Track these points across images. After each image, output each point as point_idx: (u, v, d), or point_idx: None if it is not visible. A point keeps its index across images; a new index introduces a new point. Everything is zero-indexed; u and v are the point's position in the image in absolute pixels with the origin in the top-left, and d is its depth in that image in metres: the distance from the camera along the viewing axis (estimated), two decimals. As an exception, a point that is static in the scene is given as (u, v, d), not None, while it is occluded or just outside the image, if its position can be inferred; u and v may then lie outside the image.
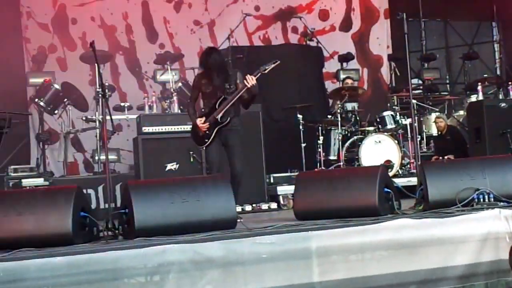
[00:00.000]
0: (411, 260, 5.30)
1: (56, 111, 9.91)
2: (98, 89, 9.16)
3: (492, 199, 5.96)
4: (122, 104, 9.93)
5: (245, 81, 6.89)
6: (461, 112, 11.45)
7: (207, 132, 7.04)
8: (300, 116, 9.77)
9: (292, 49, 11.93)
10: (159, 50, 11.62)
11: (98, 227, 5.63)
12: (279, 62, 7.02)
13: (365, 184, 6.10)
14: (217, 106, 7.02)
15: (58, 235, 5.13)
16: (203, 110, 7.24)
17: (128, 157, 10.46)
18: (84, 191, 6.74)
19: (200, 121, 7.04)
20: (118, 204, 7.44)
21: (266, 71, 6.99)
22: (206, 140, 7.07)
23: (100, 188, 8.87)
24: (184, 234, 5.17)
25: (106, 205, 8.25)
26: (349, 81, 11.01)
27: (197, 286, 4.71)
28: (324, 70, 11.95)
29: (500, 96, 10.57)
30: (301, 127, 9.74)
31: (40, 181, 8.86)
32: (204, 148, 7.17)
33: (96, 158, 9.83)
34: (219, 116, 6.99)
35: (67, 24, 11.39)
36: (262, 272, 4.90)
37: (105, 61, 10.16)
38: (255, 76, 6.91)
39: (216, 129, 7.04)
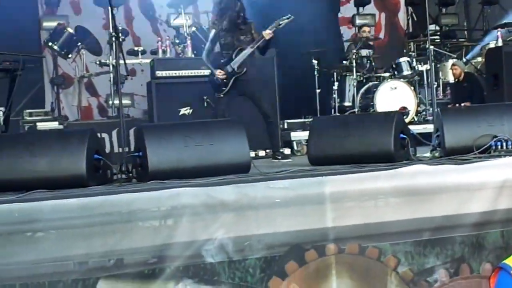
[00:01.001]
0: (426, 207, 5.24)
1: (70, 55, 9.88)
2: (111, 33, 9.07)
3: (510, 147, 5.88)
4: (136, 48, 9.87)
5: (263, 33, 7.25)
6: (479, 59, 11.28)
7: (225, 81, 7.36)
8: (315, 62, 9.68)
9: (307, -7, 11.75)
10: (173, -8, 11.47)
11: (112, 170, 5.62)
12: (293, 17, 7.39)
13: (381, 130, 6.01)
14: (233, 57, 7.34)
15: (72, 177, 5.11)
16: (222, 61, 7.49)
17: (141, 102, 10.44)
18: (98, 135, 6.73)
19: (219, 72, 7.35)
20: (132, 149, 7.42)
21: (280, 26, 7.36)
22: (224, 88, 7.40)
23: (114, 132, 8.90)
24: (197, 177, 5.14)
25: (120, 149, 8.27)
26: (366, 29, 10.85)
27: (210, 230, 4.69)
28: (339, 15, 11.80)
29: (520, 42, 10.39)
30: (315, 72, 9.66)
31: (54, 124, 8.90)
32: (222, 95, 7.46)
33: (110, 102, 9.82)
34: (235, 66, 7.33)
35: (81, -33, 11.26)
36: (275, 217, 4.87)
37: (119, 4, 10.05)
38: (271, 29, 7.26)
39: (233, 78, 7.36)
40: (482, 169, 5.47)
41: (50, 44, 9.74)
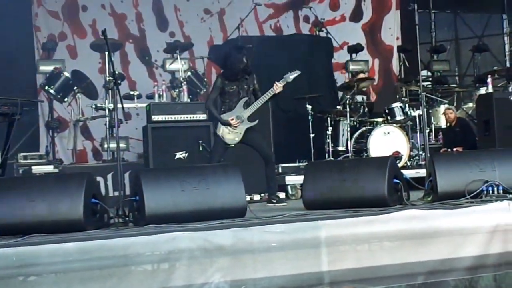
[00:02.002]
0: (420, 251, 5.31)
1: (66, 99, 9.91)
2: (109, 78, 9.19)
3: (501, 191, 5.98)
4: (132, 92, 9.94)
5: (274, 88, 7.48)
6: (470, 105, 11.43)
7: (236, 131, 7.49)
8: (309, 107, 9.77)
9: (302, 39, 11.96)
10: (169, 38, 11.63)
11: (108, 214, 5.67)
12: (300, 72, 7.69)
13: (375, 175, 6.11)
14: (244, 107, 7.49)
15: (70, 221, 5.17)
16: (223, 108, 7.59)
17: (136, 146, 10.48)
18: (94, 178, 6.76)
19: (232, 120, 7.45)
20: (127, 193, 7.48)
21: (290, 80, 7.63)
22: (236, 139, 7.53)
23: (109, 176, 8.91)
24: (194, 222, 5.20)
25: (115, 193, 8.32)
26: (361, 75, 11.01)
27: (207, 274, 4.73)
28: (333, 61, 11.95)
29: (510, 89, 10.51)
30: (310, 117, 9.75)
31: (49, 168, 8.91)
32: (233, 145, 7.56)
33: (105, 146, 9.85)
34: (246, 117, 7.49)
35: (77, 12, 11.42)
36: (272, 261, 4.92)
37: (115, 50, 10.16)
38: (282, 83, 7.51)
39: (245, 129, 7.51)
40: (474, 214, 5.56)
41: (46, 88, 9.80)
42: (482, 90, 10.70)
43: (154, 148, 8.52)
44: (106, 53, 8.95)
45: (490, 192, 5.98)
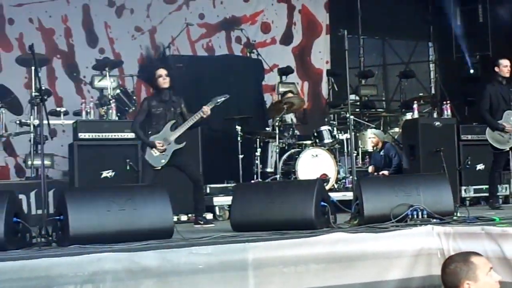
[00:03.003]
0: (346, 274, 5.35)
1: (-12, 114, 9.64)
2: (35, 93, 8.99)
3: (425, 216, 6.10)
4: (58, 109, 9.74)
5: (201, 111, 7.48)
6: (396, 129, 11.66)
7: (163, 153, 7.38)
8: (238, 128, 9.77)
9: (232, 60, 11.99)
10: (99, 55, 11.46)
11: (31, 233, 5.51)
12: (228, 96, 7.77)
13: (302, 197, 6.14)
14: (171, 129, 7.42)
15: (-11, 241, 5.00)
16: (151, 131, 7.50)
17: (61, 163, 10.26)
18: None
19: (159, 144, 7.35)
20: (51, 211, 7.30)
21: (218, 103, 7.69)
22: (163, 161, 7.41)
23: (32, 194, 8.69)
24: (120, 242, 5.11)
25: (39, 212, 8.10)
26: (290, 94, 11.05)
27: (132, 296, 4.65)
28: (263, 83, 12.01)
29: (435, 115, 10.80)
30: (239, 138, 9.75)
31: (-31, 184, 8.64)
32: (160, 168, 7.42)
33: (29, 162, 9.60)
34: (173, 140, 7.42)
35: (3, 24, 11.14)
36: (198, 283, 4.88)
37: (42, 65, 9.93)
38: (209, 107, 7.54)
39: (172, 151, 7.42)
40: (399, 238, 5.65)
41: (-32, 101, 9.53)
42: (408, 116, 10.94)
43: (80, 166, 8.36)
44: (33, 68, 8.76)
45: (415, 216, 6.10)
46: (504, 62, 8.43)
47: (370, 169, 10.58)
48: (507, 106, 8.40)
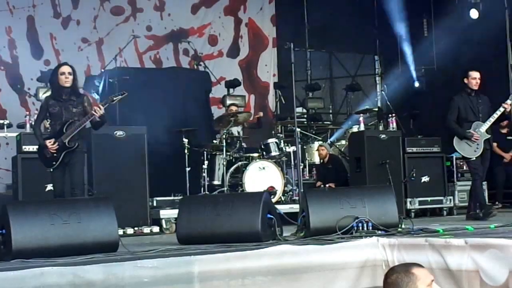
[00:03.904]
0: (292, 286, 5.37)
1: None
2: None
3: (370, 228, 6.16)
4: (1, 121, 9.57)
5: (93, 111, 6.89)
6: (343, 142, 11.78)
7: (55, 154, 6.97)
8: (185, 140, 9.74)
9: (179, 72, 11.99)
10: (44, 66, 11.32)
11: (-29, 247, 5.39)
12: (126, 94, 7.20)
13: (249, 210, 6.15)
14: (64, 130, 6.96)
15: None
16: (48, 131, 7.24)
17: (5, 176, 10.12)
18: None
19: (49, 143, 6.94)
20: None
21: (114, 102, 7.17)
22: (54, 163, 7.00)
23: (-27, 207, 8.49)
24: (64, 256, 5.04)
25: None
26: (233, 108, 11.04)
27: (76, 311, 4.58)
28: (210, 95, 12.02)
29: (380, 128, 10.95)
30: (186, 151, 9.72)
31: None
32: (52, 169, 7.04)
33: (-29, 175, 9.43)
34: (66, 141, 6.95)
35: None
36: (143, 297, 4.83)
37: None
38: (103, 106, 6.96)
39: (64, 152, 6.97)
40: (345, 249, 5.70)
41: None
42: (355, 128, 11.06)
43: (23, 179, 8.22)
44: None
45: (360, 228, 6.15)
46: (473, 74, 8.39)
47: (318, 184, 10.67)
48: (475, 117, 8.41)
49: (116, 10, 12.36)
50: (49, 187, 8.21)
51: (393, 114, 10.77)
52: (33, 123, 9.03)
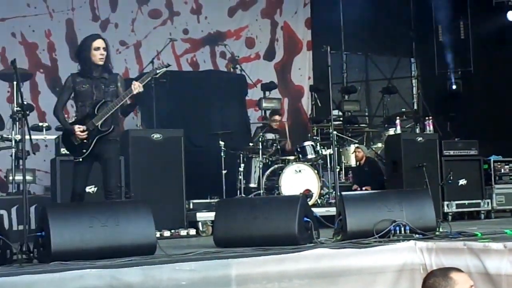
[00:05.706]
0: (330, 290, 5.35)
1: (-31, 129, 9.57)
2: (17, 108, 8.95)
3: (408, 231, 6.11)
4: (41, 124, 9.69)
5: (132, 87, 6.11)
6: (379, 145, 11.71)
7: (85, 141, 6.17)
8: (222, 143, 9.76)
9: (216, 75, 12.03)
10: (83, 69, 11.41)
11: (12, 249, 5.45)
12: (171, 65, 6.71)
13: (286, 213, 6.14)
14: (96, 111, 6.15)
15: (-31, 257, 4.96)
16: (76, 114, 6.47)
17: (44, 178, 10.21)
18: (-2, 212, 6.56)
19: (78, 129, 6.13)
20: (33, 227, 7.24)
21: (157, 75, 6.64)
22: (84, 151, 6.17)
23: (13, 210, 8.61)
24: (102, 259, 5.07)
25: (20, 227, 8.02)
26: (277, 117, 11.07)
27: (114, 313, 4.62)
28: (247, 98, 12.04)
29: (417, 131, 10.87)
30: (222, 154, 9.74)
31: (-49, 200, 8.56)
32: (81, 159, 6.20)
33: (11, 178, 9.54)
34: (99, 124, 6.14)
35: (-14, 39, 11.12)
36: (181, 299, 4.85)
37: (25, 80, 9.91)
38: (145, 80, 6.26)
39: (96, 138, 6.16)
40: (382, 253, 5.66)
41: (-50, 116, 9.46)
42: (391, 131, 10.99)
43: (62, 181, 8.29)
44: (15, 83, 8.72)
45: (398, 232, 6.11)
46: None
47: (354, 187, 10.62)
48: None
49: (153, 13, 12.44)
50: (87, 189, 8.27)
51: (430, 117, 10.69)
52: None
